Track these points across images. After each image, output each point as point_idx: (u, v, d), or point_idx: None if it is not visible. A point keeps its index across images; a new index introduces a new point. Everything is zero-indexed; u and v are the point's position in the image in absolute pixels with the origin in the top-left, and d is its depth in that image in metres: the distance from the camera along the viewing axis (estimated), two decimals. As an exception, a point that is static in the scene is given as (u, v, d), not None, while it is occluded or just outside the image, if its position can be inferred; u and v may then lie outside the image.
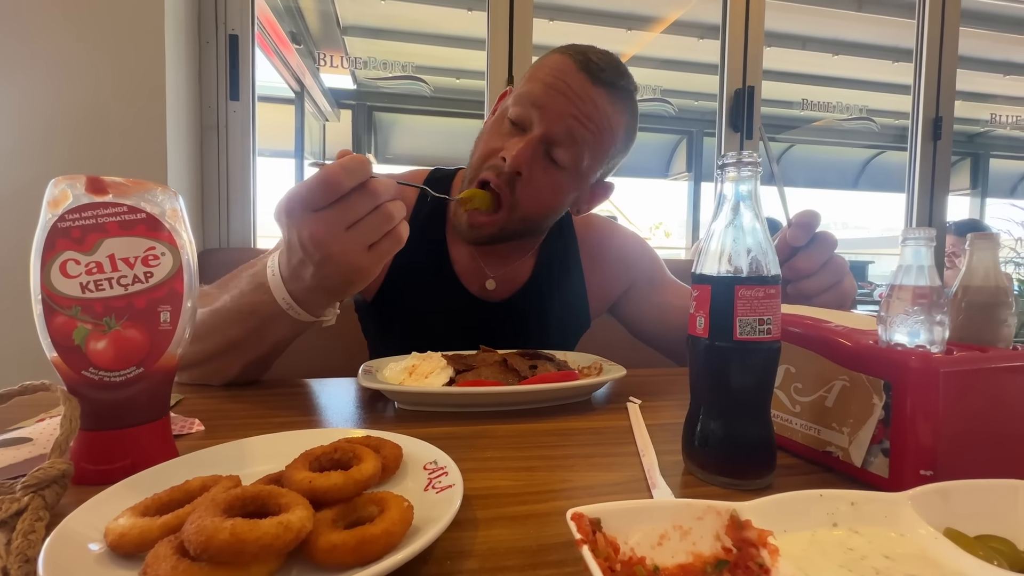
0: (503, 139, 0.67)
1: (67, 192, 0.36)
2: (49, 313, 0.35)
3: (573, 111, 0.64)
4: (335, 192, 0.44)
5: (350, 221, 0.45)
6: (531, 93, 0.65)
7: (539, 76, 0.66)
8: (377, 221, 0.46)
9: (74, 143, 1.11)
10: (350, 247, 0.46)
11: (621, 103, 0.68)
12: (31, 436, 0.41)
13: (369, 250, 0.47)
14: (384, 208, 0.46)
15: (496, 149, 0.67)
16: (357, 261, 0.46)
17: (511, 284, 0.81)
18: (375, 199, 0.45)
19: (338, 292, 0.52)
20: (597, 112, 0.65)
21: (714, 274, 0.38)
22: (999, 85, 3.53)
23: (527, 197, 0.68)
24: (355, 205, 0.45)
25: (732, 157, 0.39)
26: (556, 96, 0.64)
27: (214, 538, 0.22)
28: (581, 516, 0.25)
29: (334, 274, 0.48)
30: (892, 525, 0.27)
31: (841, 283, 0.58)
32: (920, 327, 0.37)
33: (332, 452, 0.34)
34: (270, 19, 2.41)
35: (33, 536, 0.28)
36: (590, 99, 0.64)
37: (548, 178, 0.68)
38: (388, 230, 0.47)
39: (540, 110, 0.65)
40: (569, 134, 0.65)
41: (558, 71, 0.65)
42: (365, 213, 0.45)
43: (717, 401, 0.39)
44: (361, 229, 0.45)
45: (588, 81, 0.64)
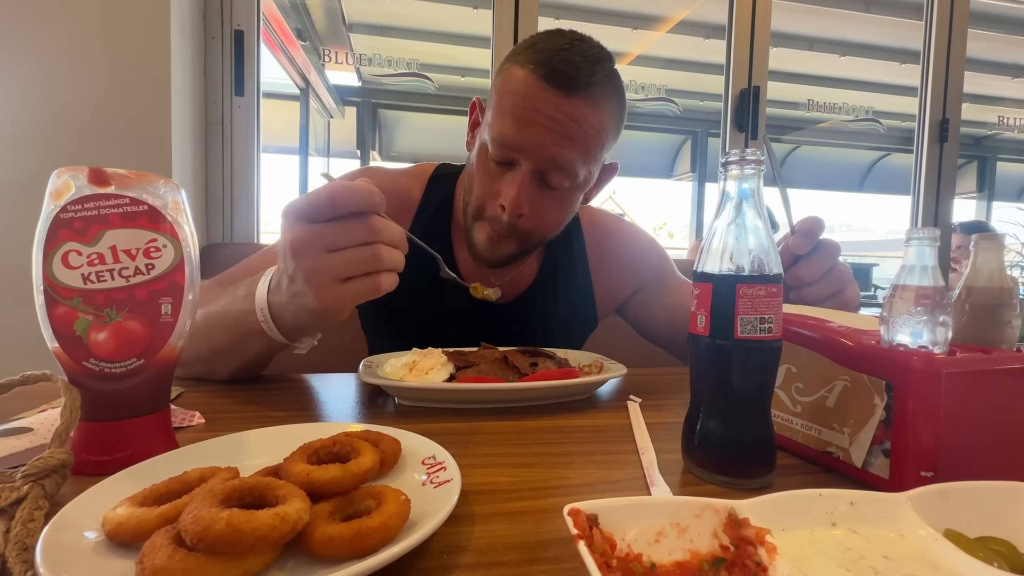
0: (495, 180, 0.65)
1: (70, 183, 0.36)
2: (51, 304, 0.36)
3: (552, 138, 0.61)
4: (332, 210, 0.42)
5: (334, 245, 0.42)
6: (504, 134, 0.61)
7: (509, 106, 0.61)
8: (361, 256, 0.43)
9: (79, 136, 1.12)
10: (322, 271, 0.43)
11: (601, 98, 0.63)
12: (32, 426, 0.41)
13: (341, 283, 0.43)
14: (375, 248, 0.43)
15: (493, 192, 0.65)
16: (325, 290, 0.43)
17: (515, 287, 0.80)
18: (369, 235, 0.43)
19: (306, 318, 0.48)
20: (577, 125, 0.61)
21: (716, 272, 0.38)
22: (1007, 88, 3.51)
23: (535, 224, 0.67)
24: (345, 231, 0.42)
25: (735, 155, 0.39)
26: (531, 130, 0.60)
27: (210, 528, 0.23)
28: (578, 512, 0.25)
29: (301, 294, 0.45)
30: (891, 525, 0.27)
31: (843, 292, 0.57)
32: (923, 327, 0.37)
33: (331, 445, 0.34)
34: (276, 15, 2.41)
35: (32, 525, 0.28)
36: (566, 116, 0.60)
37: (550, 201, 0.66)
38: (369, 271, 0.43)
39: (520, 150, 0.62)
40: (555, 162, 0.62)
41: (526, 97, 0.60)
42: (353, 243, 0.42)
43: (717, 400, 0.39)
44: (341, 257, 0.42)
45: (560, 95, 0.60)
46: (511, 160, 0.63)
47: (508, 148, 0.62)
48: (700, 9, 2.80)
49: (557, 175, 0.63)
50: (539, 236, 0.70)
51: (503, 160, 0.63)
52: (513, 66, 0.63)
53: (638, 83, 2.78)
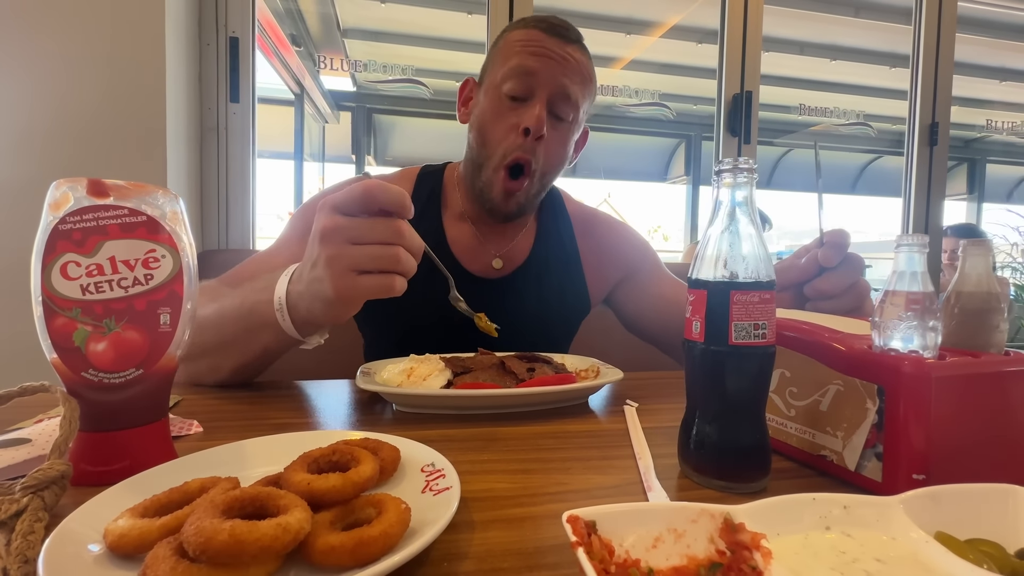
0: (512, 115, 0.72)
1: (68, 195, 0.36)
2: (49, 315, 0.36)
3: (562, 71, 0.72)
4: (365, 205, 0.45)
5: (358, 239, 0.46)
6: (523, 65, 0.71)
7: (518, 50, 0.72)
8: (381, 254, 0.46)
9: (75, 145, 1.11)
10: (342, 259, 0.46)
11: (587, 53, 0.76)
12: (30, 437, 0.41)
13: (358, 275, 0.46)
14: (395, 249, 0.46)
15: (512, 125, 0.72)
16: (341, 278, 0.46)
17: (511, 262, 0.85)
18: (392, 236, 0.46)
19: (319, 309, 0.50)
20: (578, 65, 0.73)
21: (710, 279, 0.39)
22: (995, 91, 3.55)
23: (547, 155, 0.75)
24: (372, 228, 0.46)
25: (728, 163, 0.39)
26: (545, 62, 0.71)
27: (213, 539, 0.23)
28: (577, 519, 0.26)
29: (319, 280, 0.48)
30: (884, 529, 0.28)
31: (861, 308, 0.58)
32: (913, 332, 0.37)
33: (330, 454, 0.34)
34: (270, 21, 2.42)
35: (32, 537, 0.28)
36: (569, 56, 0.72)
37: (558, 133, 0.75)
38: (385, 270, 0.47)
39: (535, 76, 0.71)
40: (564, 91, 0.72)
41: (534, 41, 0.71)
42: (376, 241, 0.46)
43: (712, 405, 0.39)
44: (362, 251, 0.46)
45: (561, 42, 0.72)
46: (528, 91, 0.72)
47: (528, 76, 0.71)
48: (693, 14, 2.82)
49: (565, 105, 0.73)
50: (544, 173, 0.76)
51: (520, 93, 0.72)
52: (513, 30, 0.75)
53: (632, 88, 2.80)
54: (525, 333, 0.78)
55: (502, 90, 0.72)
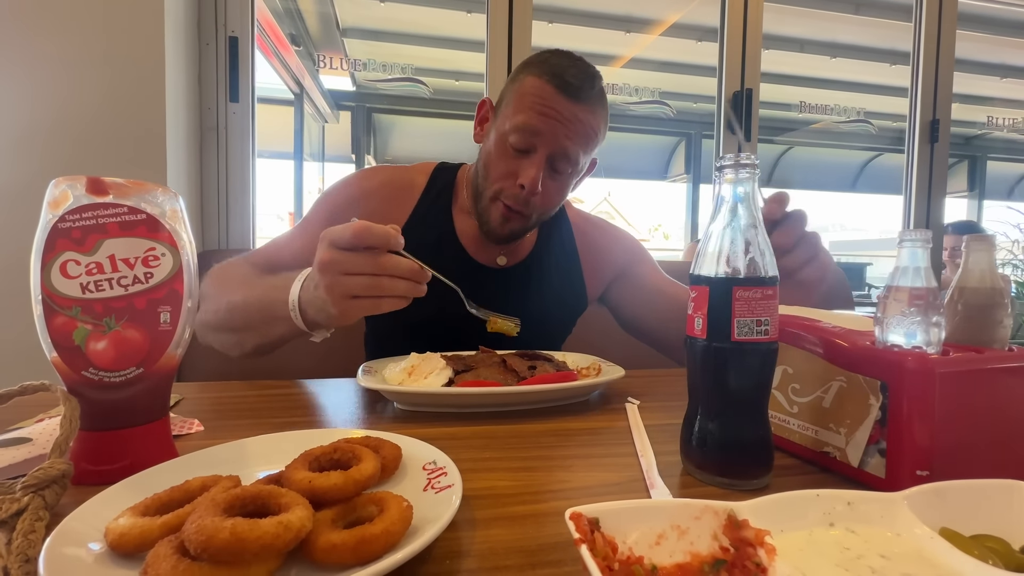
0: (513, 163, 0.77)
1: (68, 193, 0.36)
2: (49, 313, 0.35)
3: (565, 132, 0.75)
4: (356, 242, 0.52)
5: (349, 270, 0.53)
6: (528, 124, 0.75)
7: (528, 105, 0.75)
8: (367, 283, 0.53)
9: (74, 144, 1.11)
10: (336, 288, 0.53)
11: (598, 107, 0.78)
12: (31, 436, 0.41)
13: (351, 299, 0.54)
14: (379, 279, 0.53)
15: (510, 172, 0.77)
16: (336, 302, 0.54)
17: (515, 257, 0.90)
18: (375, 268, 0.53)
19: (323, 317, 0.58)
20: (583, 126, 0.76)
21: (712, 275, 0.38)
22: (996, 88, 3.55)
23: (542, 203, 0.80)
24: (360, 261, 0.53)
25: (730, 159, 0.39)
26: (549, 123, 0.75)
27: (214, 537, 0.23)
28: (580, 516, 0.26)
29: (321, 300, 0.56)
30: (888, 525, 0.28)
31: (818, 256, 0.63)
32: (916, 328, 0.37)
33: (332, 452, 0.34)
34: (270, 21, 2.41)
35: (33, 536, 0.28)
36: (575, 118, 0.75)
37: (554, 184, 0.80)
38: (373, 295, 0.54)
39: (538, 137, 0.75)
40: (564, 152, 0.76)
41: (543, 99, 0.75)
42: (365, 272, 0.53)
43: (715, 402, 0.39)
44: (353, 281, 0.53)
45: (570, 102, 0.75)
46: (530, 147, 0.76)
47: (531, 135, 0.75)
48: (692, 12, 2.81)
49: (563, 162, 0.77)
50: (542, 213, 0.82)
51: (523, 147, 0.76)
52: (530, 75, 0.77)
53: (632, 86, 2.79)
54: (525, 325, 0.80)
55: (508, 140, 0.76)
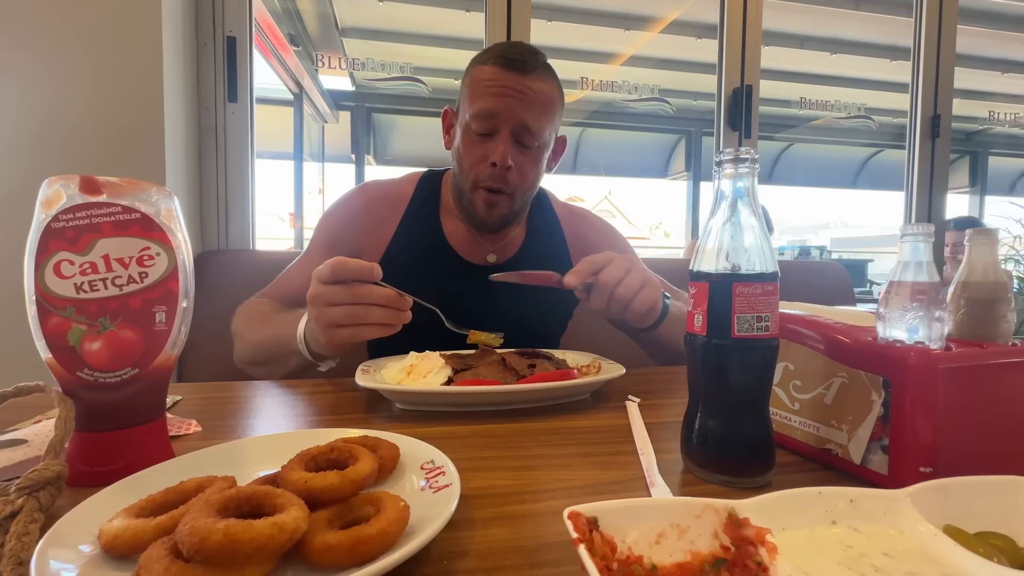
0: (481, 148, 0.80)
1: (61, 192, 0.36)
2: (43, 314, 0.35)
3: (520, 105, 0.78)
4: (333, 276, 0.58)
5: (331, 301, 0.58)
6: (485, 108, 0.78)
7: (481, 91, 0.79)
8: (348, 312, 0.58)
9: (72, 146, 1.11)
10: (322, 319, 0.59)
11: (548, 77, 0.81)
12: (27, 438, 0.41)
13: (334, 328, 0.58)
14: (357, 308, 0.58)
15: (480, 157, 0.81)
16: (323, 332, 0.59)
17: (506, 252, 0.92)
18: (354, 299, 0.58)
19: (320, 347, 0.63)
20: (536, 96, 0.79)
21: (712, 271, 0.38)
22: (997, 83, 3.53)
23: (519, 180, 0.82)
24: (337, 292, 0.58)
25: (729, 154, 0.39)
26: (503, 101, 0.78)
27: (208, 539, 0.22)
28: (578, 515, 0.25)
29: (316, 332, 0.61)
30: (891, 522, 0.27)
31: (630, 306, 0.65)
32: (919, 323, 0.37)
33: (328, 452, 0.33)
34: (268, 21, 2.41)
35: (27, 538, 0.27)
36: (528, 89, 0.78)
37: (526, 158, 0.82)
38: (354, 324, 0.58)
39: (497, 116, 0.78)
40: (525, 124, 0.79)
41: (491, 79, 0.78)
42: (344, 303, 0.58)
43: (715, 399, 0.39)
44: (334, 311, 0.58)
45: (518, 75, 0.78)
46: (492, 129, 0.79)
47: (490, 117, 0.78)
48: (692, 9, 2.81)
49: (528, 135, 0.80)
50: (523, 191, 0.84)
51: (486, 131, 0.79)
52: (476, 66, 0.81)
53: (631, 83, 2.79)
54: (520, 321, 0.81)
55: (471, 129, 0.80)
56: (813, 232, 8.14)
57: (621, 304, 0.65)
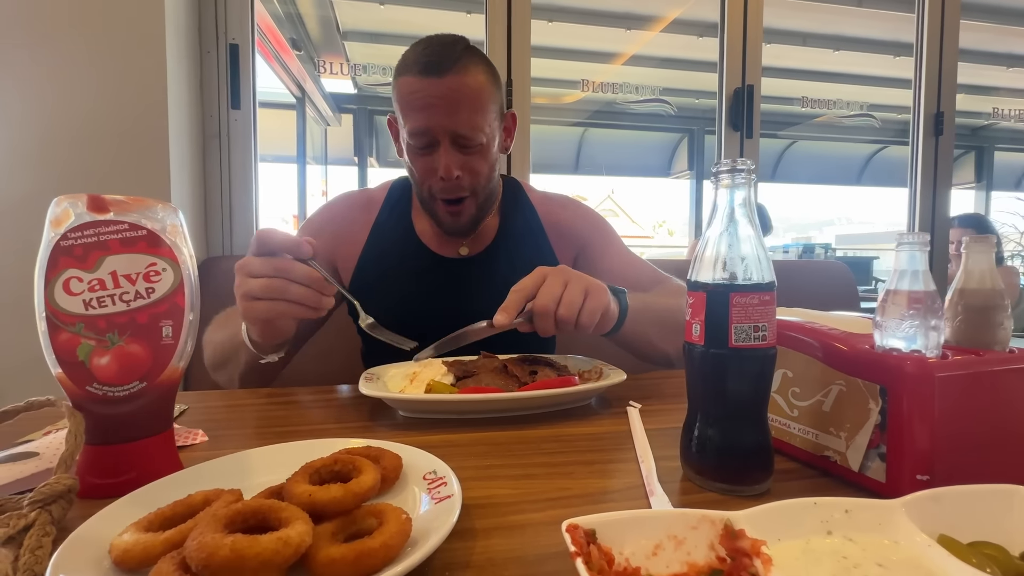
0: (426, 161, 0.79)
1: (69, 211, 0.37)
2: (53, 330, 0.36)
3: (446, 111, 0.75)
4: (261, 248, 0.57)
5: (252, 272, 0.57)
6: (416, 125, 0.76)
7: (406, 105, 0.76)
8: (266, 284, 0.56)
9: (78, 154, 1.12)
10: (240, 288, 0.58)
11: (470, 67, 0.76)
12: (38, 450, 0.42)
13: (251, 300, 0.57)
14: (277, 282, 0.57)
15: (428, 170, 0.79)
16: (240, 303, 0.58)
17: (478, 245, 0.91)
18: (275, 272, 0.56)
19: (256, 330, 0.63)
20: (460, 94, 0.75)
21: (709, 281, 0.38)
22: (1002, 77, 3.51)
23: (472, 181, 0.80)
24: (259, 264, 0.57)
25: (726, 164, 0.39)
26: (429, 113, 0.75)
27: (215, 555, 0.23)
28: (576, 527, 0.26)
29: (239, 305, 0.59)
30: (886, 532, 0.28)
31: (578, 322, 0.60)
32: (915, 332, 0.37)
33: (332, 464, 0.34)
34: (270, 26, 2.42)
35: (40, 552, 0.28)
36: (449, 91, 0.74)
37: (473, 158, 0.79)
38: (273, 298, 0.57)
39: (428, 132, 0.76)
40: (456, 129, 0.76)
41: (413, 91, 0.75)
42: (264, 275, 0.57)
43: (714, 408, 0.39)
44: (253, 282, 0.57)
45: (435, 80, 0.74)
46: (429, 143, 0.77)
47: (422, 133, 0.76)
48: (693, 8, 2.80)
49: (465, 138, 0.77)
50: (482, 188, 0.82)
51: (424, 145, 0.77)
52: (397, 79, 0.78)
53: (632, 84, 2.78)
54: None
55: (411, 146, 0.79)
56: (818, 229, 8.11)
57: (569, 324, 0.60)
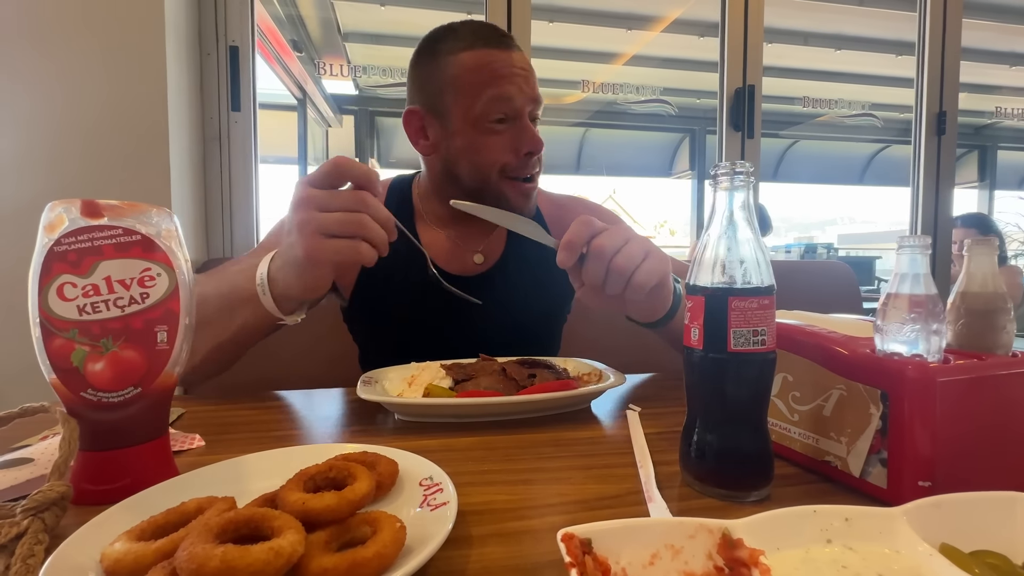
0: (501, 138, 0.75)
1: (63, 216, 0.37)
2: (47, 336, 0.36)
3: (526, 81, 0.75)
4: (334, 177, 0.51)
5: (325, 206, 0.50)
6: (503, 93, 0.73)
7: (487, 77, 0.73)
8: (345, 219, 0.50)
9: (78, 158, 1.12)
10: (310, 223, 0.50)
11: None
12: (32, 456, 0.41)
13: (325, 238, 0.50)
14: (359, 216, 0.50)
15: (506, 147, 0.75)
16: (310, 239, 0.51)
17: (490, 256, 0.86)
18: (355, 204, 0.50)
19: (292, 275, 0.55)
20: (527, 65, 0.76)
21: (708, 285, 0.38)
22: (1005, 76, 3.49)
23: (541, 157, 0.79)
24: (337, 196, 0.50)
25: (725, 167, 0.39)
26: (515, 82, 0.74)
27: (205, 565, 0.23)
28: (571, 537, 0.25)
29: (292, 245, 0.52)
30: (887, 541, 0.27)
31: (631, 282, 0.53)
32: (917, 336, 0.36)
33: (327, 471, 0.34)
34: (271, 27, 2.42)
35: (32, 560, 0.28)
36: (524, 63, 0.76)
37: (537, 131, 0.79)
38: (351, 235, 0.51)
39: (514, 100, 0.74)
40: (535, 98, 0.76)
41: (492, 61, 0.73)
42: (341, 208, 0.50)
43: (713, 413, 0.39)
44: (329, 216, 0.50)
45: (510, 52, 0.75)
46: (512, 113, 0.74)
47: (509, 100, 0.73)
48: (693, 8, 2.80)
49: (537, 109, 0.78)
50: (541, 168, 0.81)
51: (503, 117, 0.74)
52: (457, 54, 0.74)
53: (633, 84, 2.78)
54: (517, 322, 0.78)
55: (487, 119, 0.74)
56: (820, 229, 8.09)
57: (621, 276, 0.52)
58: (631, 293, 0.53)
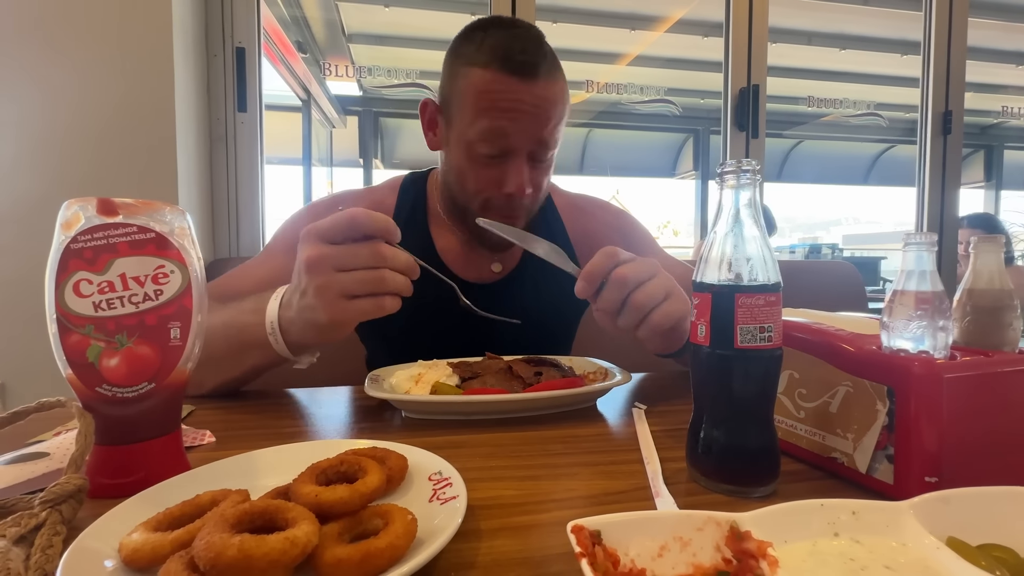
0: (490, 171, 0.69)
1: (79, 214, 0.37)
2: (64, 332, 0.36)
3: (536, 121, 0.66)
4: (350, 231, 0.47)
5: (343, 265, 0.47)
6: (494, 128, 0.65)
7: (486, 105, 0.65)
8: (367, 278, 0.48)
9: (86, 158, 1.14)
10: (331, 287, 0.48)
11: (555, 71, 0.68)
12: (48, 451, 0.42)
13: (348, 300, 0.48)
14: (380, 272, 0.48)
15: (491, 181, 0.69)
16: (333, 305, 0.48)
17: (507, 264, 0.83)
18: (375, 260, 0.48)
19: (311, 334, 0.52)
20: (550, 104, 0.66)
21: (714, 282, 0.38)
22: (1011, 75, 3.48)
23: (535, 196, 0.73)
24: (354, 253, 0.47)
25: (731, 165, 0.39)
26: (516, 119, 0.65)
27: (223, 554, 0.23)
28: (581, 528, 0.26)
29: (311, 308, 0.49)
30: (894, 534, 0.27)
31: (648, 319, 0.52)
32: (923, 333, 0.37)
33: (338, 465, 0.34)
34: (276, 29, 2.44)
35: (51, 551, 0.29)
36: (541, 100, 0.65)
37: (539, 172, 0.72)
38: (373, 292, 0.48)
39: (510, 137, 0.66)
40: (541, 140, 0.68)
41: (500, 92, 0.65)
42: (362, 266, 0.47)
43: (719, 409, 0.39)
44: (349, 277, 0.47)
45: (528, 83, 0.65)
46: (504, 150, 0.67)
47: (501, 138, 0.66)
48: (698, 8, 2.79)
49: (543, 151, 0.69)
50: (537, 205, 0.75)
51: (495, 153, 0.67)
52: (471, 67, 0.67)
53: (637, 84, 2.78)
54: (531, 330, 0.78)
55: (476, 149, 0.67)
56: (825, 229, 8.06)
57: (638, 313, 0.51)
58: (644, 331, 0.52)
